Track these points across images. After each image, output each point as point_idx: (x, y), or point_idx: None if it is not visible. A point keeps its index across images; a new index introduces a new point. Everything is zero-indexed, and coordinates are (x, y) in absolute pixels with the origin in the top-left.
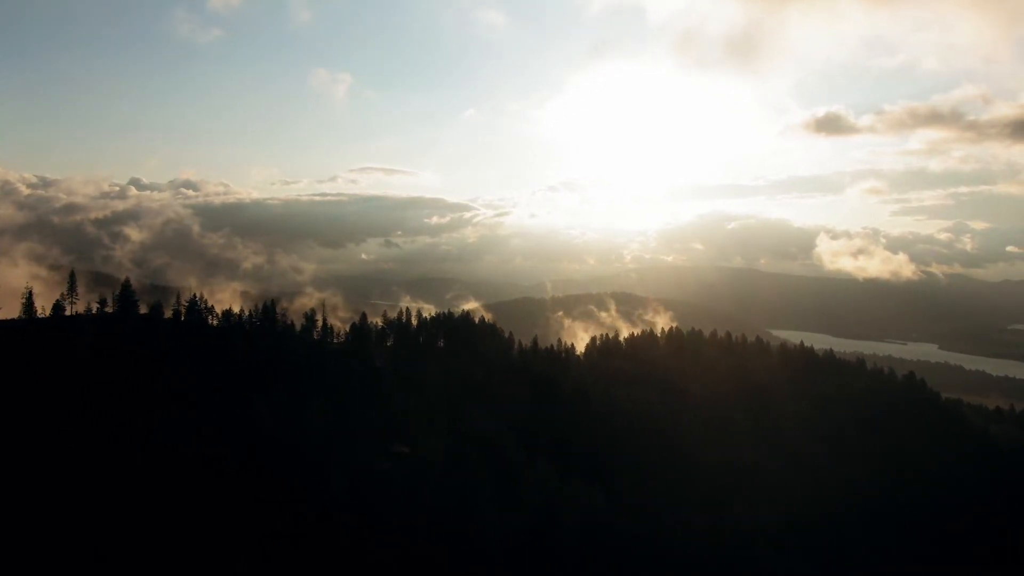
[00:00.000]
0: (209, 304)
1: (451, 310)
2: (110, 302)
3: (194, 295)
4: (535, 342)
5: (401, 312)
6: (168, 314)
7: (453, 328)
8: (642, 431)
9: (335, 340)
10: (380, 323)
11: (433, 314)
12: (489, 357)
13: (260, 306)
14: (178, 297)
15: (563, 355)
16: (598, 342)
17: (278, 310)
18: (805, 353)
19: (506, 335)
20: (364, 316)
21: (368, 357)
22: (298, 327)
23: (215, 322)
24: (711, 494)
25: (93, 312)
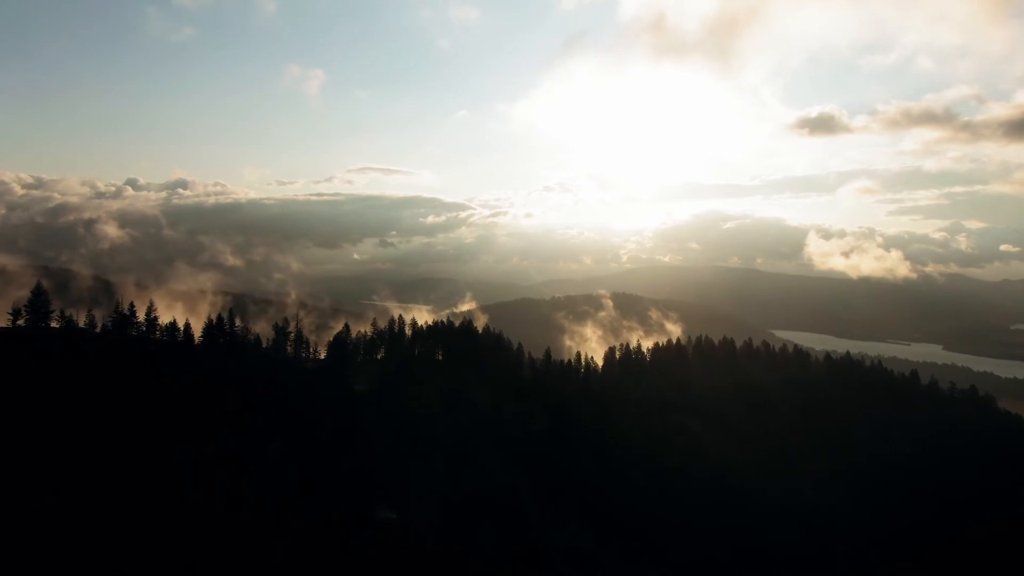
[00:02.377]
0: (154, 313)
1: (450, 317)
2: (23, 313)
3: (131, 303)
4: (548, 356)
5: (393, 320)
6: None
7: (452, 338)
8: (689, 475)
9: (312, 355)
10: (369, 332)
11: (430, 321)
12: (495, 374)
13: (215, 317)
14: (117, 305)
15: (581, 373)
16: (617, 354)
17: (237, 320)
18: (852, 365)
19: (514, 346)
20: (347, 327)
21: (347, 380)
22: (267, 341)
23: (160, 336)
24: (783, 559)
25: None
